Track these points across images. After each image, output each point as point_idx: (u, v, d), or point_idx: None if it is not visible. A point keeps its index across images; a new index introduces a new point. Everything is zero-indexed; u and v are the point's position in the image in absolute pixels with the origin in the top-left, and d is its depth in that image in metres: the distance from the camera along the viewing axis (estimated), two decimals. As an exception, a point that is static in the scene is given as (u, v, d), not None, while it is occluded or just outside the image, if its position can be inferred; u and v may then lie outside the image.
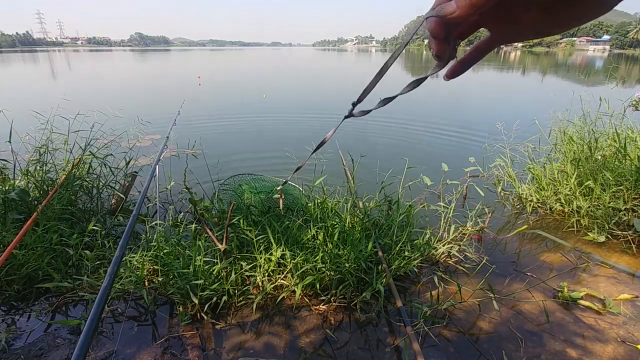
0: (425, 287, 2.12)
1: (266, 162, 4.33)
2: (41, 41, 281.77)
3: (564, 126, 3.31)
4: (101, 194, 2.88)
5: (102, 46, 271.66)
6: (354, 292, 2.01)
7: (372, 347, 1.73)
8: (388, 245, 2.27)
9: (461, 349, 1.71)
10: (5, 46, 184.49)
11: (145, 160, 4.00)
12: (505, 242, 2.63)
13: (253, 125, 6.54)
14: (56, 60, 38.54)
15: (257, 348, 1.70)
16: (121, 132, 3.45)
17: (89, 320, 1.13)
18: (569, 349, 1.71)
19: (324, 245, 2.10)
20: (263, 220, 2.24)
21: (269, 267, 2.04)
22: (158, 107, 8.06)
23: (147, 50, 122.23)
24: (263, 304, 1.95)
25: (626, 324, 1.85)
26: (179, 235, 2.26)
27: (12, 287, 1.99)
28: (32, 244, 2.09)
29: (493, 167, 3.54)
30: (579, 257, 2.44)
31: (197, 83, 13.98)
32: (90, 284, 2.01)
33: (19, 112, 3.29)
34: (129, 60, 41.73)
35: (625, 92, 3.70)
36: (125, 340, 1.73)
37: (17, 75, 19.76)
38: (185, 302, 1.89)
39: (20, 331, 1.77)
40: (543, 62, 35.21)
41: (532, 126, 3.63)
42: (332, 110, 8.21)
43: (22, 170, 2.59)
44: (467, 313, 1.93)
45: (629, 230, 2.57)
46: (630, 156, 2.76)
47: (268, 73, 22.36)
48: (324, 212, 2.42)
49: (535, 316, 1.91)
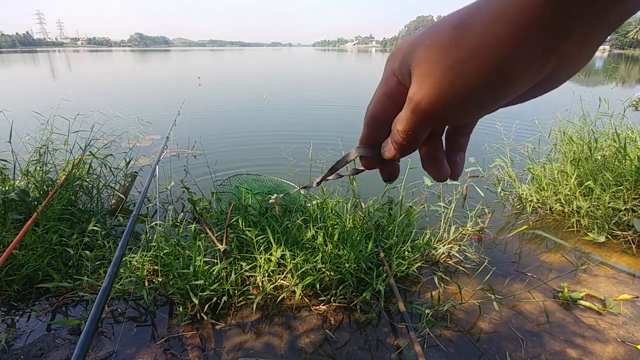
0: (426, 288, 2.12)
1: (266, 162, 4.33)
2: (41, 41, 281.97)
3: (564, 126, 3.31)
4: (101, 194, 2.88)
5: (102, 46, 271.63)
6: (354, 293, 2.01)
7: (372, 347, 1.73)
8: (389, 246, 2.27)
9: (462, 350, 1.71)
10: (5, 46, 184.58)
11: (145, 160, 3.99)
12: (506, 243, 2.63)
13: (253, 126, 6.55)
14: (56, 60, 38.57)
15: (257, 348, 1.70)
16: (121, 132, 3.46)
17: (89, 321, 1.14)
18: (569, 349, 1.71)
19: (323, 245, 2.10)
20: (263, 220, 2.24)
21: (269, 267, 2.04)
22: (158, 108, 8.06)
23: (147, 51, 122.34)
24: (263, 304, 1.95)
25: (626, 324, 1.85)
26: (179, 235, 2.26)
27: (12, 288, 1.99)
28: (32, 244, 2.09)
29: (493, 168, 3.54)
30: (579, 257, 2.44)
31: (197, 83, 13.98)
32: (90, 284, 2.01)
33: (19, 113, 3.30)
34: (129, 60, 41.76)
35: (625, 92, 3.70)
36: (125, 340, 1.73)
37: (17, 75, 19.77)
38: (185, 302, 1.89)
39: (20, 331, 1.77)
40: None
41: (532, 126, 3.63)
42: (332, 110, 8.22)
43: (22, 170, 2.60)
44: (467, 313, 1.93)
45: (629, 230, 2.57)
46: (630, 156, 2.76)
47: (268, 73, 22.36)
48: (324, 212, 2.42)
49: (535, 316, 1.91)
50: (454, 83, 0.21)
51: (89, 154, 2.80)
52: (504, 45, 0.18)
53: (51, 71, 22.69)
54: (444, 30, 0.21)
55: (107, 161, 2.90)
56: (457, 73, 0.20)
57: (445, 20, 0.21)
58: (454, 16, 0.21)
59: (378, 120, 0.28)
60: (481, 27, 0.19)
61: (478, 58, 0.19)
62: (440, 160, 0.29)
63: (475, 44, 0.19)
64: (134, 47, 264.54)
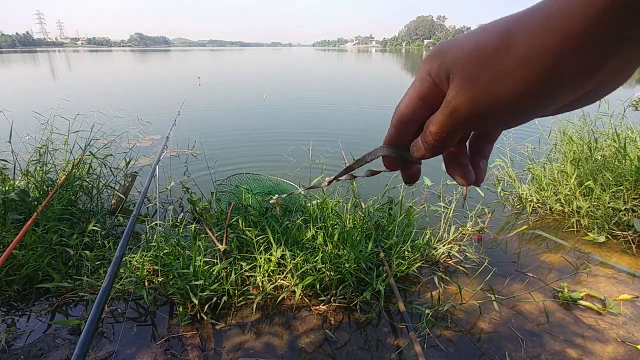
0: (426, 288, 2.12)
1: (266, 162, 4.33)
2: (41, 41, 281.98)
3: (564, 126, 3.31)
4: (101, 194, 2.88)
5: (102, 46, 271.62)
6: (354, 293, 2.01)
7: (372, 347, 1.73)
8: (389, 246, 2.27)
9: (462, 350, 1.71)
10: (5, 46, 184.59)
11: (145, 160, 3.99)
12: (506, 243, 2.63)
13: (253, 126, 6.54)
14: (56, 60, 38.57)
15: (257, 348, 1.70)
16: (121, 132, 3.46)
17: (89, 321, 1.14)
18: (569, 349, 1.71)
19: (323, 245, 2.10)
20: (262, 220, 2.24)
21: (269, 267, 2.04)
22: (158, 108, 8.06)
23: (147, 51, 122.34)
24: (263, 304, 1.95)
25: (626, 324, 1.85)
26: (179, 235, 2.26)
27: (12, 288, 1.99)
28: (32, 244, 2.09)
29: (493, 167, 3.54)
30: (579, 257, 2.44)
31: (197, 83, 13.98)
32: (90, 284, 2.01)
33: (19, 113, 3.30)
34: (129, 60, 41.76)
35: (625, 92, 3.70)
36: (125, 340, 1.73)
37: (17, 75, 19.77)
38: (185, 302, 1.89)
39: (20, 331, 1.77)
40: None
41: (531, 126, 3.63)
42: (332, 110, 8.22)
43: (22, 170, 2.60)
44: (467, 314, 1.93)
45: (629, 230, 2.57)
46: (630, 156, 2.76)
47: (268, 73, 22.37)
48: (324, 212, 2.42)
49: (535, 316, 1.91)
50: (496, 91, 0.21)
51: (89, 154, 2.80)
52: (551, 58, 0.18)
53: (51, 71, 22.69)
54: (489, 37, 0.21)
55: (107, 161, 2.90)
56: (501, 82, 0.20)
57: (490, 27, 0.21)
58: (500, 24, 0.21)
59: (408, 121, 0.28)
60: (528, 38, 0.19)
61: (524, 69, 0.19)
62: (466, 164, 0.29)
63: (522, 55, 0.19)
64: (134, 47, 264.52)
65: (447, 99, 0.23)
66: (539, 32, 0.18)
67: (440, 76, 0.24)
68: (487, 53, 0.21)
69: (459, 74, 0.22)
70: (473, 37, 0.22)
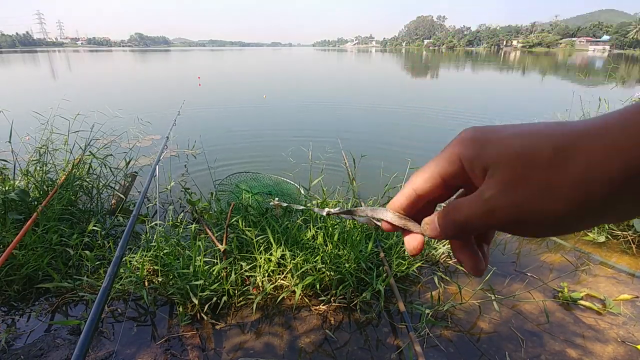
0: (426, 288, 2.12)
1: (266, 162, 4.33)
2: (41, 41, 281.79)
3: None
4: (101, 194, 2.88)
5: (102, 46, 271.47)
6: (354, 293, 2.01)
7: (372, 347, 1.73)
8: (389, 246, 2.27)
9: (462, 350, 1.71)
10: (5, 46, 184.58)
11: (145, 160, 3.99)
12: (505, 242, 2.63)
13: (253, 126, 6.55)
14: (56, 60, 38.57)
15: (257, 348, 1.70)
16: (121, 132, 3.46)
17: (89, 321, 1.14)
18: (569, 349, 1.71)
19: (323, 245, 2.10)
20: (262, 220, 2.24)
21: (269, 267, 2.04)
22: (158, 108, 8.06)
23: (147, 51, 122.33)
24: (263, 304, 1.95)
25: (626, 324, 1.85)
26: (179, 235, 2.26)
27: (12, 288, 1.99)
28: (32, 244, 2.09)
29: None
30: (579, 257, 2.44)
31: (197, 83, 13.98)
32: (90, 284, 2.01)
33: (19, 113, 3.29)
34: (128, 60, 41.76)
35: (625, 92, 3.70)
36: (125, 340, 1.73)
37: (17, 75, 19.76)
38: (185, 302, 1.89)
39: (20, 331, 1.77)
40: (543, 62, 35.23)
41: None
42: (332, 110, 8.22)
43: (22, 170, 2.60)
44: (467, 313, 1.93)
45: (629, 230, 2.57)
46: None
47: (268, 73, 22.37)
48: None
49: (535, 316, 1.91)
50: (543, 205, 0.20)
51: (89, 154, 2.80)
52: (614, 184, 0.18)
53: (51, 71, 22.69)
54: (542, 145, 0.20)
55: (107, 161, 2.90)
56: (551, 197, 0.20)
57: (542, 132, 0.20)
58: (556, 134, 0.20)
59: (424, 198, 0.27)
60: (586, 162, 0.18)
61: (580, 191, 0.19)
62: (476, 251, 0.28)
63: (580, 176, 0.19)
64: (134, 47, 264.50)
65: (485, 195, 0.22)
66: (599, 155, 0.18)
67: (474, 166, 0.23)
68: (538, 163, 0.20)
69: (502, 174, 0.21)
70: (519, 138, 0.21)
